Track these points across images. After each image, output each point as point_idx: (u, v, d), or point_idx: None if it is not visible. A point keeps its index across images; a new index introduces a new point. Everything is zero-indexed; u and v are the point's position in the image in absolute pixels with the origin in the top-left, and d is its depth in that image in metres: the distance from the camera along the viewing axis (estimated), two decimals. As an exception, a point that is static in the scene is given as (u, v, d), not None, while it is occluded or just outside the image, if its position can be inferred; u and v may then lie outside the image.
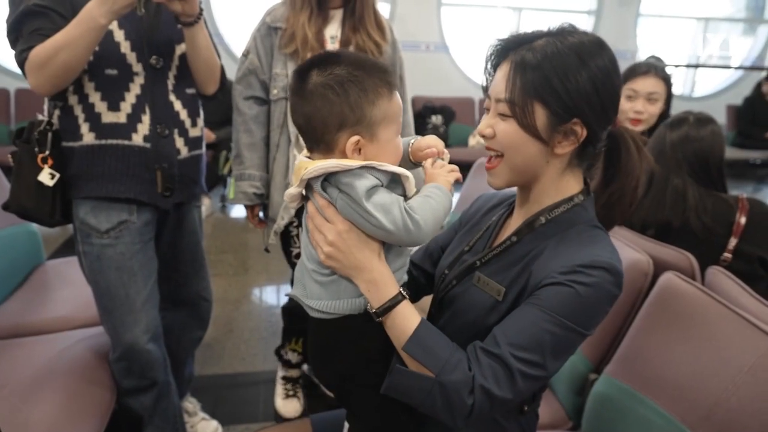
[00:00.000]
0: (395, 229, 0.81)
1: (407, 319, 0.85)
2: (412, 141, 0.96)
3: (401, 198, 0.83)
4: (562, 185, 0.90)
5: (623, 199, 0.93)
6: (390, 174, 0.84)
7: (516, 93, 0.83)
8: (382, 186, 0.83)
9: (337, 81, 0.81)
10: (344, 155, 0.83)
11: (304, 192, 0.90)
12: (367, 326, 0.87)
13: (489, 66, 0.92)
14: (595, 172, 0.95)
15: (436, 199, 0.85)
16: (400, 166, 0.87)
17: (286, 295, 1.00)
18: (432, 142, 0.95)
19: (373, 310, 0.85)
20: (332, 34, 1.72)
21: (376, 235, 0.84)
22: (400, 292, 0.86)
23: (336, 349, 0.91)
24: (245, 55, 1.77)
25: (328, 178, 0.83)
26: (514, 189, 0.99)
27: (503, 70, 0.87)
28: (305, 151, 0.91)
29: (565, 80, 0.81)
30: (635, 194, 0.92)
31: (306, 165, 0.84)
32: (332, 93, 0.81)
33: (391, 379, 0.84)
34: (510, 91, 0.84)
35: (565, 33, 0.85)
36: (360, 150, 0.84)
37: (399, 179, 0.86)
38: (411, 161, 0.97)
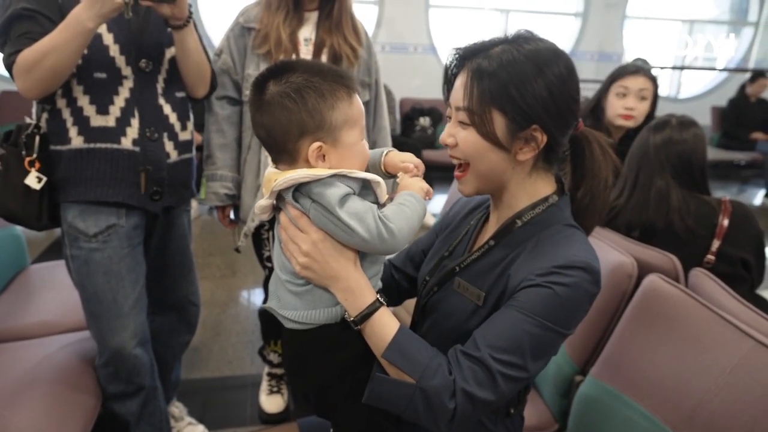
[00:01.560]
0: (370, 237, 0.81)
1: (386, 326, 0.85)
2: (386, 152, 0.96)
3: (374, 206, 0.83)
4: (532, 188, 0.91)
5: (595, 202, 0.94)
6: (361, 181, 0.84)
7: (474, 101, 0.84)
8: (354, 194, 0.83)
9: (294, 88, 0.81)
10: (308, 163, 0.83)
11: (275, 202, 0.90)
12: (344, 335, 0.88)
13: (449, 75, 0.92)
14: (565, 177, 0.97)
15: (410, 207, 0.85)
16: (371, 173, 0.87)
17: (262, 306, 1.00)
18: (408, 158, 0.95)
19: (351, 319, 0.86)
20: (306, 37, 1.72)
21: (350, 243, 0.84)
22: (378, 299, 0.86)
23: (313, 360, 0.91)
24: (218, 54, 1.77)
25: (300, 189, 0.83)
26: None
27: (461, 78, 0.87)
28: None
29: (521, 88, 0.82)
30: (606, 195, 0.94)
31: (275, 177, 0.84)
32: (289, 101, 0.81)
33: (372, 388, 0.84)
34: (468, 99, 0.85)
35: (521, 40, 0.86)
36: (324, 156, 0.84)
37: (370, 186, 0.86)
38: (384, 172, 0.96)
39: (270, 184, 0.85)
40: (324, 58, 1.72)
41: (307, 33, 1.72)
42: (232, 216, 1.90)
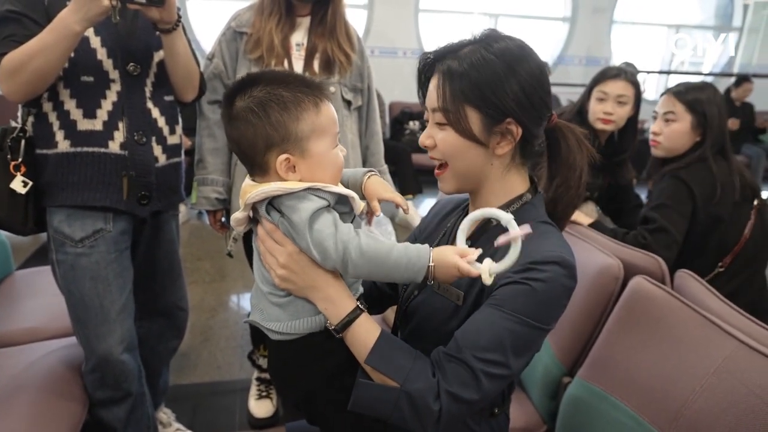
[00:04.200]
0: (322, 260, 0.81)
1: (367, 332, 0.86)
2: (368, 176, 0.96)
3: (347, 227, 0.82)
4: (508, 185, 0.93)
5: (569, 191, 0.96)
6: (336, 195, 0.85)
7: (447, 100, 0.86)
8: (329, 205, 0.83)
9: (257, 102, 0.82)
10: (279, 176, 0.84)
11: (251, 214, 0.90)
12: (328, 343, 0.88)
13: (423, 78, 0.94)
14: (542, 170, 0.98)
15: (398, 260, 0.80)
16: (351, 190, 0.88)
17: (245, 321, 1.00)
18: (388, 196, 0.95)
19: (332, 327, 0.86)
20: (298, 42, 1.72)
21: (311, 256, 0.83)
22: (358, 306, 0.87)
23: (299, 369, 0.91)
24: (210, 59, 1.77)
25: (272, 202, 0.84)
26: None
27: (434, 80, 0.89)
28: None
29: (494, 86, 0.84)
30: (580, 184, 0.95)
31: (250, 189, 0.84)
32: (253, 115, 0.82)
33: (356, 394, 0.85)
34: (441, 99, 0.87)
35: (490, 39, 0.88)
36: (294, 168, 0.84)
37: (346, 198, 0.86)
38: (363, 193, 0.97)
39: (245, 195, 0.85)
40: (316, 63, 1.72)
41: (299, 38, 1.73)
42: (223, 220, 1.90)
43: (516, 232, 0.75)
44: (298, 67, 1.71)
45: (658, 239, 1.71)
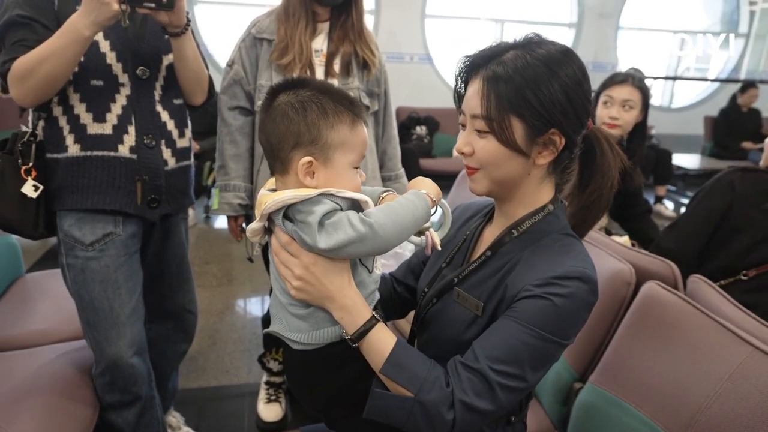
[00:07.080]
0: (347, 239, 0.79)
1: (382, 341, 0.85)
2: (384, 194, 0.96)
3: (359, 216, 0.81)
4: (538, 195, 0.92)
5: (601, 199, 0.94)
6: (349, 200, 0.84)
7: (491, 108, 0.83)
8: (340, 209, 0.82)
9: (299, 100, 0.84)
10: (298, 178, 0.84)
11: (266, 225, 0.90)
12: (348, 350, 0.87)
13: (460, 82, 0.92)
14: (571, 175, 0.96)
15: (402, 203, 0.84)
16: None
17: (264, 331, 1.00)
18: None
19: (348, 337, 0.86)
20: (317, 48, 1.73)
21: (340, 254, 0.82)
22: (374, 315, 0.86)
23: (322, 377, 0.91)
24: (230, 65, 1.77)
25: (288, 213, 0.84)
26: (490, 198, 0.99)
27: (475, 85, 0.86)
28: (269, 183, 0.92)
29: (538, 92, 0.82)
30: (611, 192, 0.94)
31: (266, 199, 0.84)
32: (292, 110, 0.83)
33: (371, 403, 0.84)
34: (485, 107, 0.84)
35: (533, 44, 0.86)
36: (313, 174, 0.84)
37: (359, 205, 0.86)
38: None
39: (261, 206, 0.85)
40: (336, 67, 1.72)
41: (318, 44, 1.73)
42: (244, 225, 1.89)
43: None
44: (320, 72, 1.72)
45: (666, 234, 1.75)
